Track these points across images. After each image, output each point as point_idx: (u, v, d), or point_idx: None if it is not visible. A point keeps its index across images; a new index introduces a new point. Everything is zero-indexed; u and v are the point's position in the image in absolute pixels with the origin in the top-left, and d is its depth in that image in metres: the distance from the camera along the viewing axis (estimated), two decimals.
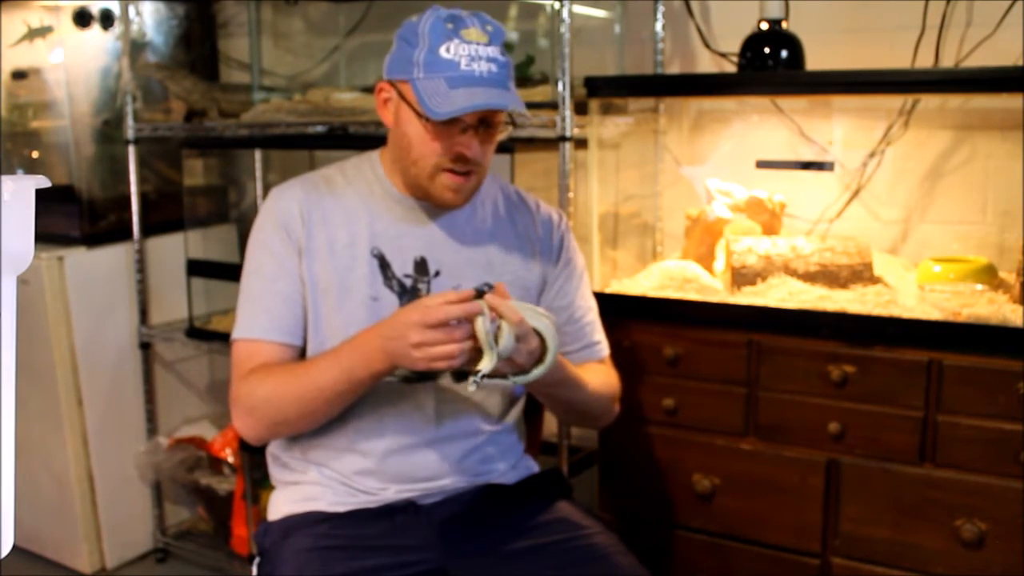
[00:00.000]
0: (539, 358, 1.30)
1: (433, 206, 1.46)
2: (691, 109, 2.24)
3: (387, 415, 1.43)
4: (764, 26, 1.90)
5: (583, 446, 2.20)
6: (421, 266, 1.45)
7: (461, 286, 1.46)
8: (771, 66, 1.88)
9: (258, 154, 2.54)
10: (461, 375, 1.43)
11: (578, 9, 2.16)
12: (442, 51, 1.33)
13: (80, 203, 2.58)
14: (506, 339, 1.24)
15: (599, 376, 1.53)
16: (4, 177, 0.54)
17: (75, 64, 2.57)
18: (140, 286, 2.63)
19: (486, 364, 1.23)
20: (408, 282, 1.44)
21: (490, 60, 1.34)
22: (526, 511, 1.46)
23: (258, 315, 1.42)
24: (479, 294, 1.46)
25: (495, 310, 1.24)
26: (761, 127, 2.16)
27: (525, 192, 1.60)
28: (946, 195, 1.99)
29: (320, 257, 1.43)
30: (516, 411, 1.56)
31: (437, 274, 1.45)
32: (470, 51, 1.33)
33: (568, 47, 1.84)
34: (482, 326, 1.23)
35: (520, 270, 1.51)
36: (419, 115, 1.35)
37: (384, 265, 1.44)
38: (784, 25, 1.89)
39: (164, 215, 2.70)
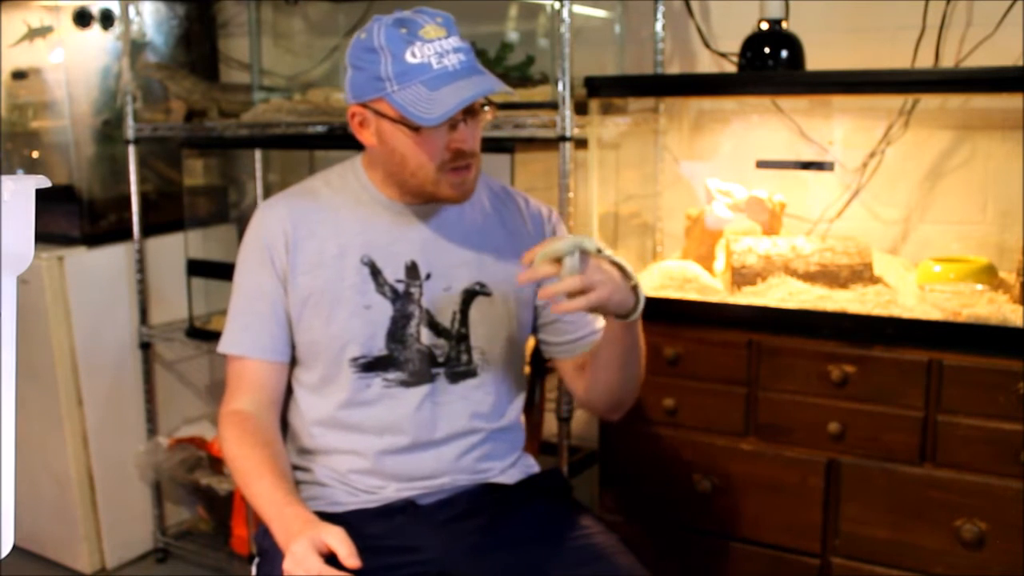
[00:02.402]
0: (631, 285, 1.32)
1: (422, 208, 1.46)
2: (691, 109, 2.24)
3: (384, 416, 1.43)
4: (764, 26, 1.90)
5: (583, 446, 2.20)
6: (412, 270, 1.45)
7: (452, 288, 1.46)
8: (771, 66, 1.88)
9: (258, 154, 2.54)
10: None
11: (578, 9, 2.16)
12: (408, 57, 1.31)
13: (80, 203, 2.58)
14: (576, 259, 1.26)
15: None
16: (4, 177, 0.54)
17: (75, 64, 2.57)
18: (140, 286, 2.63)
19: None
20: (400, 287, 1.44)
21: (457, 51, 1.33)
22: (526, 511, 1.46)
23: (239, 332, 1.46)
24: (469, 295, 1.47)
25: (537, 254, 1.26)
26: (761, 127, 2.15)
27: (512, 188, 1.60)
28: (946, 195, 1.99)
29: (309, 271, 1.43)
30: (515, 409, 1.55)
31: (428, 276, 1.45)
32: (436, 48, 1.32)
33: (568, 47, 1.84)
34: (568, 268, 1.25)
35: (512, 267, 1.51)
36: (408, 126, 1.34)
37: (375, 272, 1.43)
38: (784, 25, 1.89)
39: (164, 215, 2.71)
